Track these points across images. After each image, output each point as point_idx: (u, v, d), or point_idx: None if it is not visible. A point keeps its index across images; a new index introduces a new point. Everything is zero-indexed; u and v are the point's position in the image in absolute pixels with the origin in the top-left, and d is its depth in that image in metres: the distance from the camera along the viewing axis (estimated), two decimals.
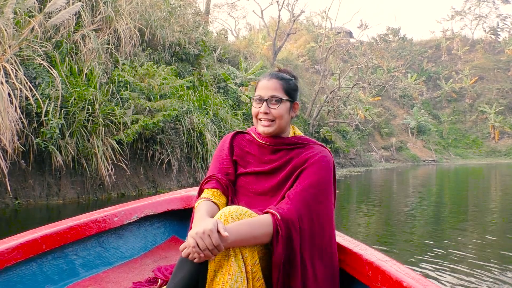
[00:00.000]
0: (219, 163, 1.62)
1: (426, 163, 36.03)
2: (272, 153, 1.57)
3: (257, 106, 1.55)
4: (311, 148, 1.55)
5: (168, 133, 8.79)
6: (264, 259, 1.36)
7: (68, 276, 1.76)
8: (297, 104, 1.61)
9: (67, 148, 6.73)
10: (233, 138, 1.68)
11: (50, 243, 1.69)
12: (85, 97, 7.19)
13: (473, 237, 4.98)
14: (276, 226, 1.31)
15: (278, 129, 1.54)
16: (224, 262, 1.22)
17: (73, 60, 7.95)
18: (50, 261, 1.74)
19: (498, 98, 46.31)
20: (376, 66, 43.01)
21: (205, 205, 1.45)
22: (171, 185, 8.92)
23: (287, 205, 1.37)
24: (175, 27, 11.74)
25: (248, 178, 1.57)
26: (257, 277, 1.28)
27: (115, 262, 1.98)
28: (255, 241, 1.28)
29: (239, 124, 12.20)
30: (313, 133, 22.54)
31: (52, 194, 6.73)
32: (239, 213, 1.31)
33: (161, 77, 8.55)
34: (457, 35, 58.27)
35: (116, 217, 2.02)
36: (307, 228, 1.37)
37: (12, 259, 1.53)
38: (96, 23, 8.75)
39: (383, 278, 1.31)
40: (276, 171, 1.54)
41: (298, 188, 1.43)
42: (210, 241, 1.16)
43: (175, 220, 2.39)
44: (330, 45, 25.86)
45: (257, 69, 16.43)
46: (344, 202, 8.25)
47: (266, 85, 1.54)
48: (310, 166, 1.47)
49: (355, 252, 1.48)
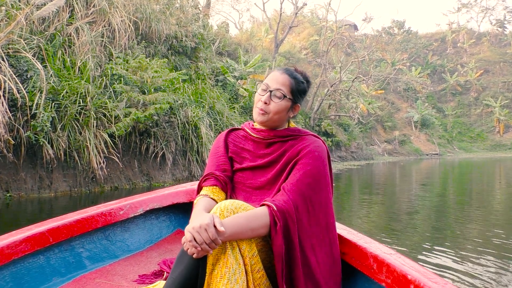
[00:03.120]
0: (215, 160, 1.64)
1: (429, 156, 35.87)
2: (267, 147, 1.59)
3: (261, 94, 1.56)
4: (304, 139, 1.56)
5: (163, 126, 8.78)
6: (264, 251, 1.37)
7: (75, 269, 1.79)
8: (298, 107, 1.61)
9: (59, 141, 6.75)
10: (227, 135, 1.70)
11: (57, 236, 1.72)
12: (77, 90, 7.19)
13: (477, 228, 4.95)
14: (273, 217, 1.33)
15: (270, 122, 1.56)
16: (221, 255, 1.24)
17: (66, 53, 7.94)
18: (57, 253, 1.77)
19: (504, 91, 45.91)
20: (380, 59, 42.72)
21: (203, 201, 1.48)
22: (166, 178, 8.94)
23: (283, 197, 1.39)
24: (171, 20, 11.69)
25: (244, 173, 1.59)
26: (257, 268, 1.30)
27: (121, 255, 2.01)
28: (252, 233, 1.30)
29: (236, 118, 12.17)
30: (314, 127, 22.47)
31: (44, 187, 6.76)
32: (234, 207, 1.33)
33: (152, 70, 8.52)
34: (463, 27, 57.67)
35: (122, 210, 2.05)
36: (303, 218, 1.39)
37: (20, 252, 1.56)
38: (90, 16, 8.73)
39: (388, 271, 1.31)
40: (271, 164, 1.55)
41: (293, 179, 1.44)
42: (207, 235, 1.19)
43: (180, 213, 2.42)
44: (332, 38, 25.66)
45: (256, 62, 16.35)
46: (343, 196, 8.23)
47: (277, 77, 1.56)
48: (304, 157, 1.48)
49: (360, 245, 1.49)
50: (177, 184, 8.81)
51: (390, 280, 1.29)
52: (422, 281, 1.17)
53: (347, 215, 5.90)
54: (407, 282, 1.22)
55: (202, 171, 9.76)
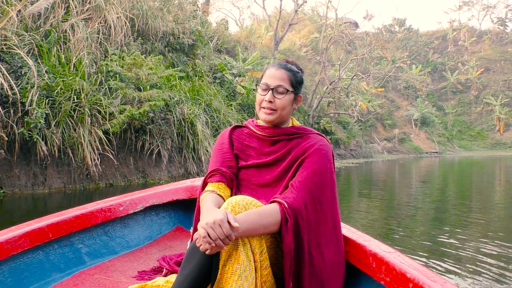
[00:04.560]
0: (221, 157, 1.63)
1: (429, 155, 35.84)
2: (272, 144, 1.60)
3: (263, 94, 1.56)
4: (309, 137, 1.57)
5: (158, 123, 8.77)
6: (271, 248, 1.37)
7: (74, 264, 1.80)
8: (300, 97, 1.63)
9: (53, 137, 6.75)
10: (231, 132, 1.70)
11: (57, 232, 1.73)
12: (71, 87, 7.18)
13: (477, 227, 4.93)
14: (284, 214, 1.33)
15: (279, 119, 1.57)
16: (233, 251, 1.24)
17: (61, 50, 7.93)
18: (56, 249, 1.77)
19: (504, 89, 45.81)
20: (381, 57, 42.63)
21: (211, 197, 1.46)
22: (161, 175, 8.94)
23: (293, 194, 1.39)
24: (168, 17, 11.66)
25: (249, 170, 1.59)
26: (265, 265, 1.30)
27: (121, 251, 2.02)
28: (264, 230, 1.30)
29: (233, 115, 12.16)
30: (313, 124, 22.44)
31: (38, 184, 6.76)
32: (245, 203, 1.32)
33: (147, 67, 8.50)
34: (464, 25, 57.51)
35: (122, 207, 2.05)
36: (312, 216, 1.40)
37: (19, 247, 1.56)
38: (86, 13, 8.71)
39: (387, 269, 1.32)
40: (276, 162, 1.56)
41: (301, 178, 1.45)
42: (221, 230, 1.17)
43: (180, 210, 2.42)
44: (332, 35, 25.60)
45: (254, 59, 16.32)
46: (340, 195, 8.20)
47: (274, 74, 1.56)
48: (310, 156, 1.49)
49: (359, 243, 1.50)
50: (173, 181, 8.79)
51: (389, 279, 1.30)
52: (421, 280, 1.17)
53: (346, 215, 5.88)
54: (406, 280, 1.22)
55: (198, 168, 9.75)
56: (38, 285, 1.62)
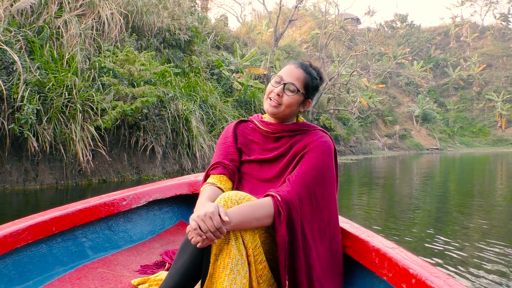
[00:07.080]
0: (224, 150, 1.64)
1: (430, 151, 35.75)
2: (275, 141, 1.61)
3: (274, 85, 1.56)
4: (312, 133, 1.57)
5: (152, 119, 8.77)
6: (266, 243, 1.37)
7: (77, 258, 1.81)
8: (309, 102, 1.63)
9: (44, 133, 6.75)
10: (236, 126, 1.71)
11: (60, 225, 1.74)
12: (63, 83, 7.18)
13: (478, 222, 4.91)
14: (277, 207, 1.33)
15: (282, 115, 1.57)
16: (224, 246, 1.24)
17: (54, 46, 7.92)
18: (59, 243, 1.78)
19: (506, 86, 45.59)
20: (382, 53, 42.48)
21: (209, 190, 1.48)
22: (156, 171, 8.94)
23: (287, 187, 1.40)
24: (163, 13, 11.62)
25: (252, 165, 1.61)
26: (259, 260, 1.30)
27: (124, 245, 2.03)
28: (257, 223, 1.30)
29: (230, 111, 12.14)
30: (313, 121, 22.41)
31: (30, 180, 6.77)
32: (238, 198, 1.33)
33: (139, 63, 8.48)
34: (466, 21, 57.18)
35: (125, 201, 2.06)
36: (307, 209, 1.40)
37: (22, 241, 1.57)
38: (80, 9, 8.69)
39: (389, 265, 1.32)
40: (278, 158, 1.57)
41: (298, 172, 1.45)
42: (212, 223, 1.18)
43: (183, 205, 2.43)
44: (332, 31, 25.49)
45: (252, 55, 16.26)
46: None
47: (291, 71, 1.57)
48: (310, 151, 1.50)
49: (362, 239, 1.49)
50: (167, 177, 8.75)
51: (392, 274, 1.29)
52: (424, 275, 1.16)
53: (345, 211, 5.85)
54: (408, 276, 1.21)
55: (193, 164, 9.75)
56: (41, 278, 1.62)
